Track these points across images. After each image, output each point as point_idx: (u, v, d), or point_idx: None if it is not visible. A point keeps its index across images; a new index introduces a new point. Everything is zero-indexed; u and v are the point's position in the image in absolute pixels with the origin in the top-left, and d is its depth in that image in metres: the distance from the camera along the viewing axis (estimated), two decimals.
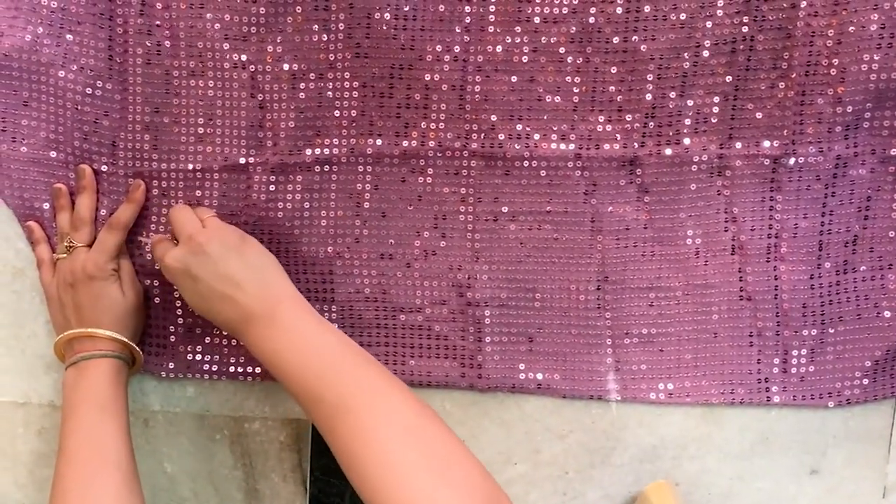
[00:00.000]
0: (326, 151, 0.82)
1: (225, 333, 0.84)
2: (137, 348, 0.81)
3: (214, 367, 0.85)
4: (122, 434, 0.76)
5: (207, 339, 0.85)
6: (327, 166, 0.82)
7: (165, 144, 0.82)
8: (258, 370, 0.84)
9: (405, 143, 0.81)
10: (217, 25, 0.80)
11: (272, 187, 0.82)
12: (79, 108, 0.81)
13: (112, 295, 0.80)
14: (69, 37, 0.80)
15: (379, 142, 0.81)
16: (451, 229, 0.82)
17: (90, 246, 0.81)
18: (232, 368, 0.84)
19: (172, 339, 0.85)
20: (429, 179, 0.82)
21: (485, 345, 0.83)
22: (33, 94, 0.81)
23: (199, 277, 0.73)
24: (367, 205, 0.82)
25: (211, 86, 0.81)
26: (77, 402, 0.77)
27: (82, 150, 0.82)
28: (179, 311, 0.84)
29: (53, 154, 0.82)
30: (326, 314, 0.83)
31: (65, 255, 0.81)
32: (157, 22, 0.80)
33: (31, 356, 0.86)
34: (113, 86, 0.81)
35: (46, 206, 0.83)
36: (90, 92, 0.81)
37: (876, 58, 0.75)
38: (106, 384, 0.77)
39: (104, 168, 0.82)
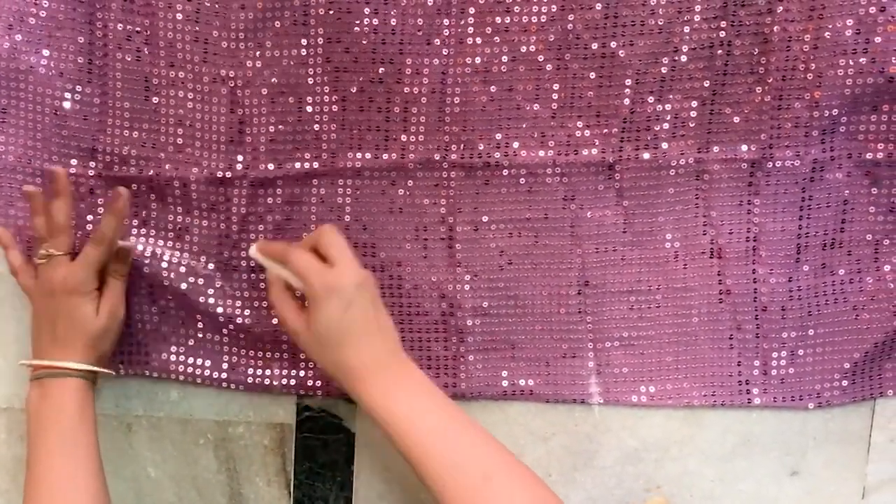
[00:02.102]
0: (307, 165, 0.81)
1: (208, 336, 0.84)
2: (103, 369, 0.79)
3: (190, 370, 0.84)
4: (94, 461, 0.76)
5: (186, 341, 0.85)
6: (307, 180, 0.82)
7: (145, 151, 0.82)
8: (240, 377, 0.84)
9: (385, 156, 0.81)
10: (196, 42, 0.79)
11: (252, 201, 0.82)
12: (58, 113, 0.81)
13: (86, 314, 0.77)
14: (48, 42, 0.80)
15: (359, 155, 0.81)
16: (432, 240, 0.82)
17: (70, 254, 0.78)
18: (216, 374, 0.84)
19: (154, 338, 0.85)
20: (409, 191, 0.82)
21: (468, 354, 0.83)
22: (12, 102, 0.80)
23: (354, 304, 0.71)
24: (347, 217, 0.82)
25: (190, 97, 0.81)
26: (46, 430, 0.75)
27: (61, 156, 0.82)
28: (156, 312, 0.84)
29: (31, 161, 0.82)
30: None
31: (44, 261, 0.78)
32: (137, 28, 0.80)
33: (14, 361, 0.86)
34: (92, 90, 0.81)
35: (23, 212, 0.82)
36: (69, 97, 0.81)
37: (851, 63, 0.75)
38: (74, 408, 0.76)
39: (90, 172, 0.82)
